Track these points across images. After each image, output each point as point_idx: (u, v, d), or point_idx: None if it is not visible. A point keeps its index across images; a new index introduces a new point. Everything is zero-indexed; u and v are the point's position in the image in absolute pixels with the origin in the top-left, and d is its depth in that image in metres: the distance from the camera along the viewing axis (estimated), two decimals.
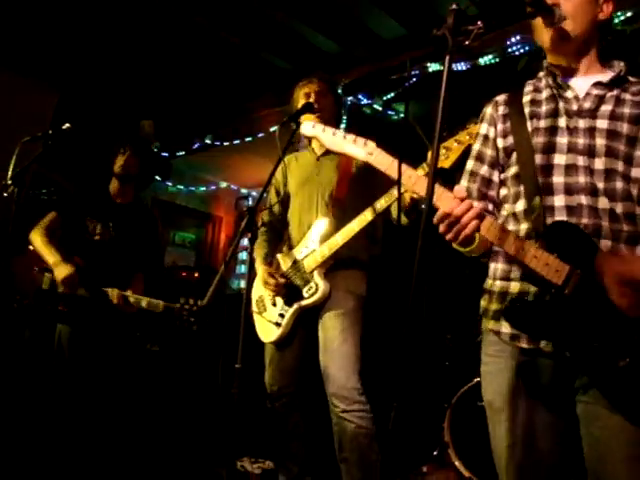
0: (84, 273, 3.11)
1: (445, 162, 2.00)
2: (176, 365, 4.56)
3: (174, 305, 2.90)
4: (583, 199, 1.53)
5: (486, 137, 1.77)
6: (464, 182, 1.78)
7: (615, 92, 1.63)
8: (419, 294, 1.23)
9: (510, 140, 1.69)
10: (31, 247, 3.24)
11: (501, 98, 1.79)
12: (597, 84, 1.64)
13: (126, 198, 3.43)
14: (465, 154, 1.94)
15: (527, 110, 1.70)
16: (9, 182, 2.66)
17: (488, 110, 1.80)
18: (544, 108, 1.68)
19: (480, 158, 1.77)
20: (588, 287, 1.45)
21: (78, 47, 5.48)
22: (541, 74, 1.76)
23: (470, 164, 1.79)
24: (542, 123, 1.65)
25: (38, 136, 2.88)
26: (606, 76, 1.65)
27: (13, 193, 2.69)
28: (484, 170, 1.75)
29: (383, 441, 2.39)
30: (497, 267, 1.68)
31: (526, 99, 1.73)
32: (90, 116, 3.19)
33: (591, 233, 1.50)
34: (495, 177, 1.74)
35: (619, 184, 1.54)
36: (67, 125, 2.83)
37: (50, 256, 3.12)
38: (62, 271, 3.06)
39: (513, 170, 1.67)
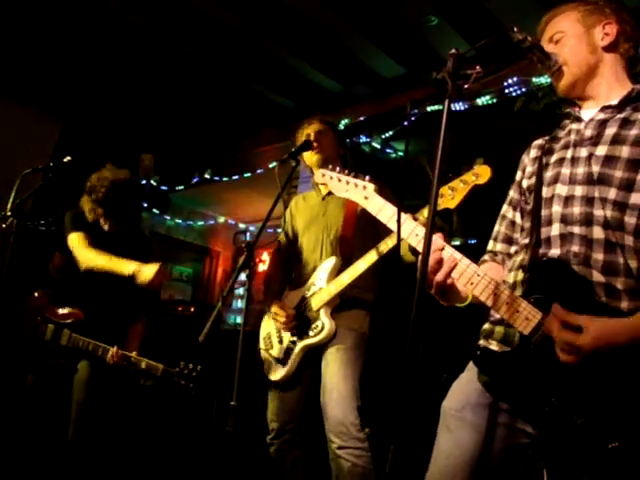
0: (86, 325, 2.97)
1: (451, 202, 2.01)
2: (170, 400, 4.50)
3: (173, 370, 2.80)
4: (576, 229, 1.50)
5: (515, 182, 1.80)
6: (496, 226, 1.81)
7: (624, 114, 1.56)
8: (417, 333, 1.22)
9: (533, 180, 1.69)
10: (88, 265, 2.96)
11: (536, 142, 1.79)
12: (605, 108, 1.59)
13: (111, 227, 3.17)
14: (471, 194, 1.97)
15: (546, 147, 1.71)
16: (8, 214, 2.66)
17: (523, 156, 1.81)
18: (560, 143, 1.68)
19: (509, 202, 1.80)
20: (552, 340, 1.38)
21: (82, 79, 5.57)
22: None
23: (503, 208, 1.82)
24: (553, 157, 1.65)
25: (39, 168, 2.88)
26: (619, 98, 1.60)
27: (12, 224, 2.69)
28: (511, 214, 1.78)
29: None
30: None
31: (549, 138, 1.74)
32: (92, 148, 3.12)
33: (581, 262, 1.46)
34: (518, 219, 1.75)
35: (609, 212, 1.47)
36: (68, 158, 2.83)
37: (124, 266, 2.86)
38: (148, 272, 2.81)
39: (529, 207, 1.68)
